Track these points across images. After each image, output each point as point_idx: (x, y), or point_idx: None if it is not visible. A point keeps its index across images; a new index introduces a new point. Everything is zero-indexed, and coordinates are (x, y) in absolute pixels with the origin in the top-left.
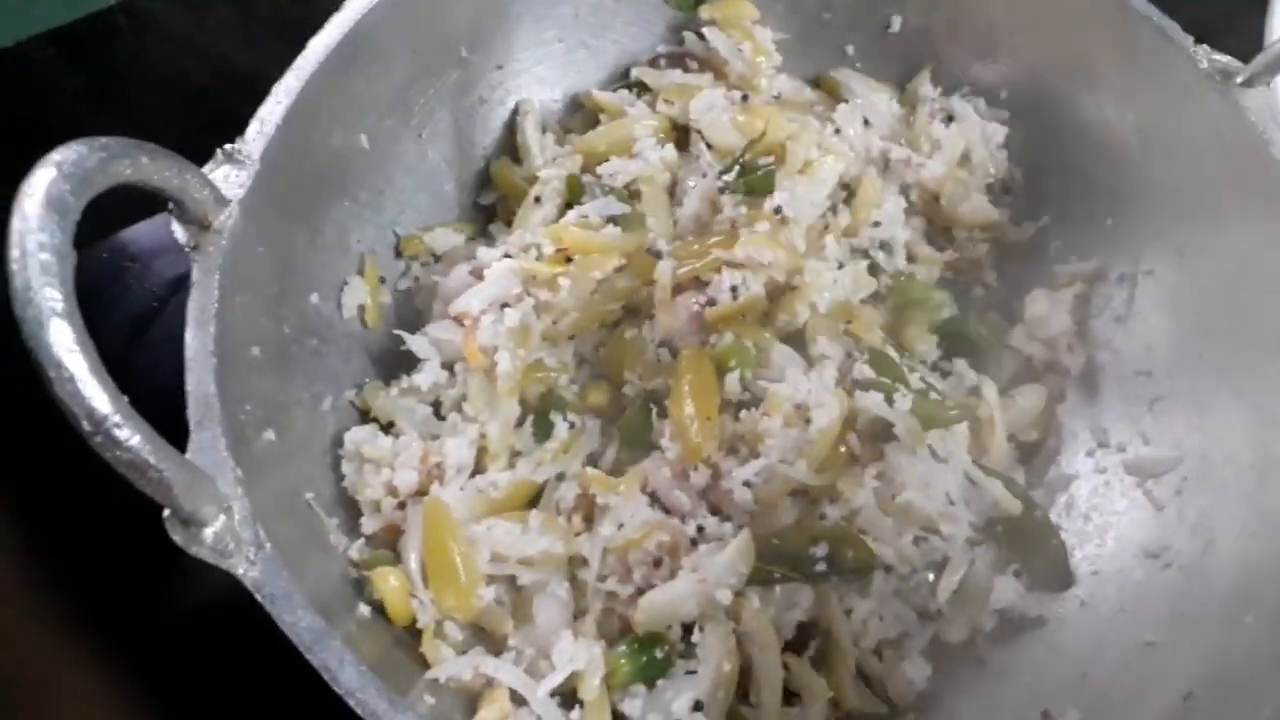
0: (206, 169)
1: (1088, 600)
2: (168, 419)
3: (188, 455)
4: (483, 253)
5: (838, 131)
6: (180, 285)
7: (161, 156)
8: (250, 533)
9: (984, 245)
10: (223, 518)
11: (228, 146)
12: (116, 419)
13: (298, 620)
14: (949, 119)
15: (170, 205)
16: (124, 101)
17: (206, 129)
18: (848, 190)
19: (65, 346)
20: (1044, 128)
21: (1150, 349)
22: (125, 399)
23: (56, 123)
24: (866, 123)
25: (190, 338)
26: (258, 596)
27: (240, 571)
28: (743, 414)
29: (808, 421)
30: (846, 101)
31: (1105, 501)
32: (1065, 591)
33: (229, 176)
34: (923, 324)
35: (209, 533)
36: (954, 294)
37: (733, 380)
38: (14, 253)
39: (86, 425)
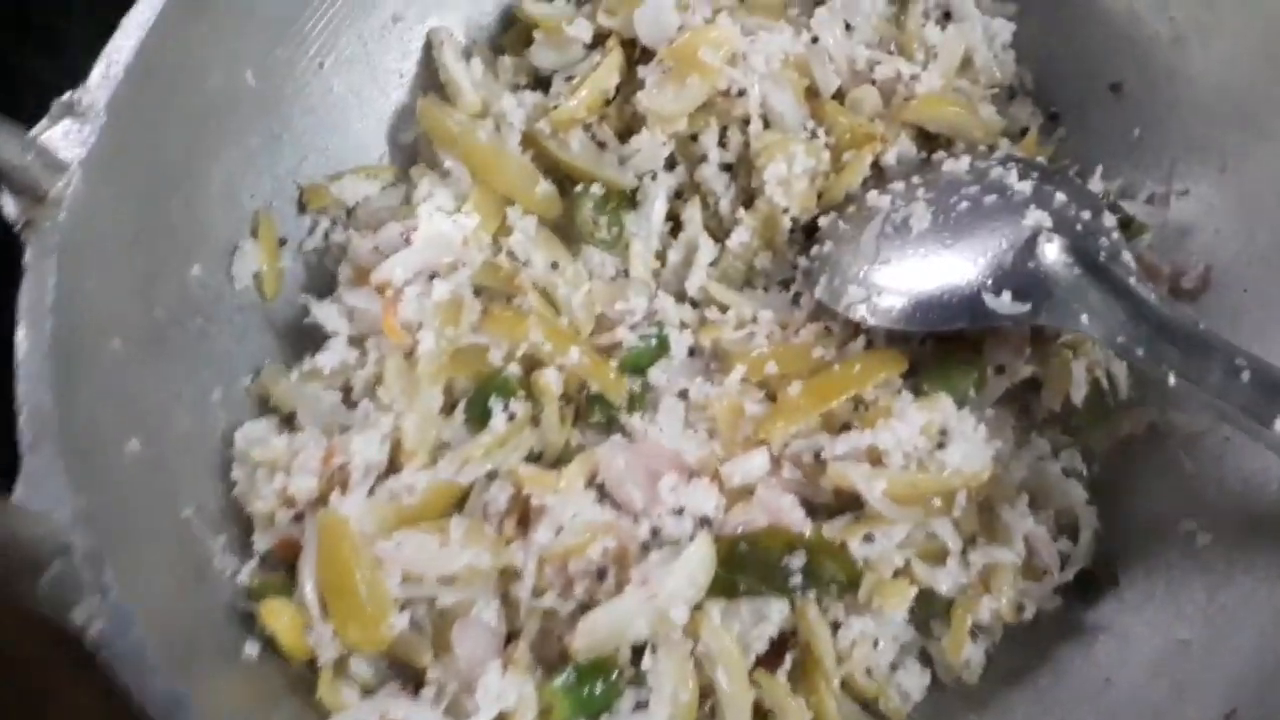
0: (39, 128)
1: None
2: None
3: (17, 486)
4: (423, 211)
5: (815, 40)
6: None
7: None
8: (93, 575)
9: None
10: (59, 561)
11: (65, 97)
12: None
13: (150, 686)
14: (946, 15)
15: None
16: (45, 28)
17: None
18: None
19: None
20: (1057, 20)
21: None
22: None
23: None
24: (849, 27)
25: (21, 338)
26: (100, 656)
27: (79, 624)
28: None
29: None
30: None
31: None
32: None
33: (69, 134)
34: None
35: (44, 580)
36: None
37: None
38: None
39: None
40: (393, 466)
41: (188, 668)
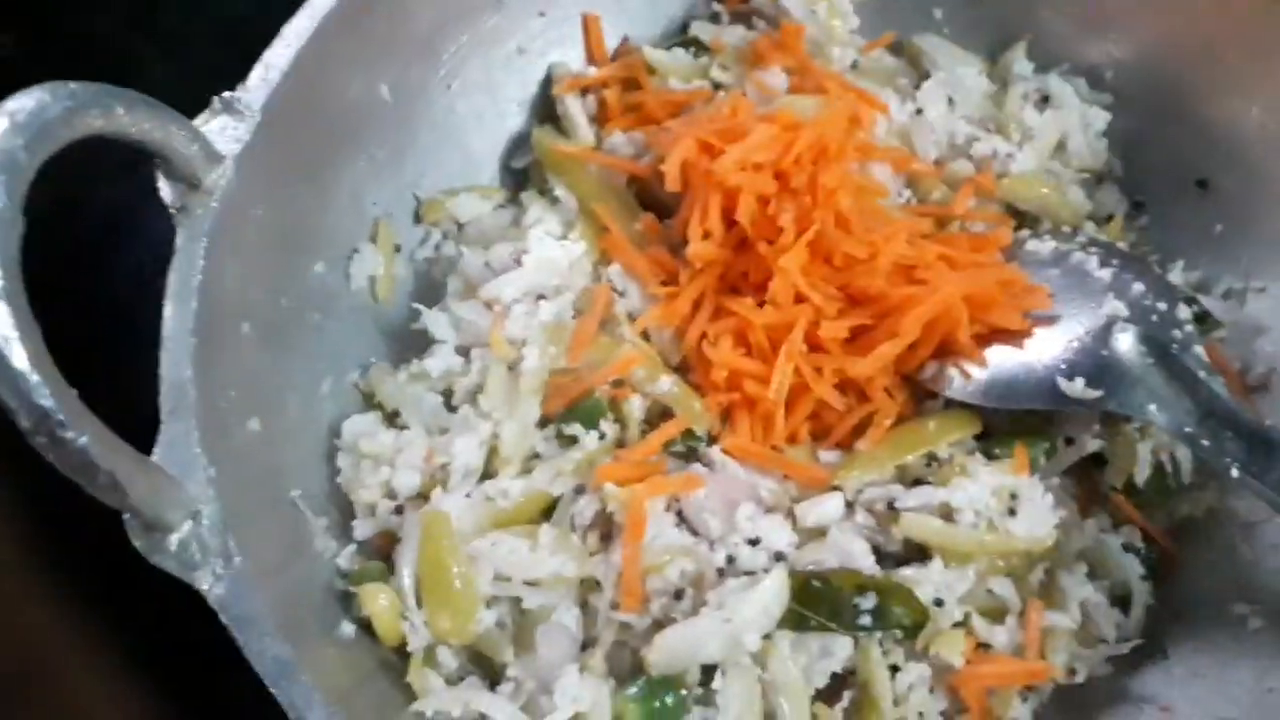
0: (200, 120)
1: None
2: None
3: (156, 450)
4: (533, 235)
5: (919, 112)
6: None
7: (141, 106)
8: (219, 542)
9: None
10: (189, 524)
11: (226, 95)
12: (60, 416)
13: (264, 650)
14: (1044, 99)
15: (156, 160)
16: (154, 23)
17: (243, 59)
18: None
19: (2, 331)
20: (1151, 115)
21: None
22: (74, 393)
23: (84, 43)
24: (951, 102)
25: (168, 314)
26: (222, 618)
27: (205, 587)
28: None
29: None
30: (929, 74)
31: None
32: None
33: (225, 129)
34: None
35: (174, 540)
36: None
37: None
38: None
39: (25, 422)
40: (487, 472)
41: (293, 638)
